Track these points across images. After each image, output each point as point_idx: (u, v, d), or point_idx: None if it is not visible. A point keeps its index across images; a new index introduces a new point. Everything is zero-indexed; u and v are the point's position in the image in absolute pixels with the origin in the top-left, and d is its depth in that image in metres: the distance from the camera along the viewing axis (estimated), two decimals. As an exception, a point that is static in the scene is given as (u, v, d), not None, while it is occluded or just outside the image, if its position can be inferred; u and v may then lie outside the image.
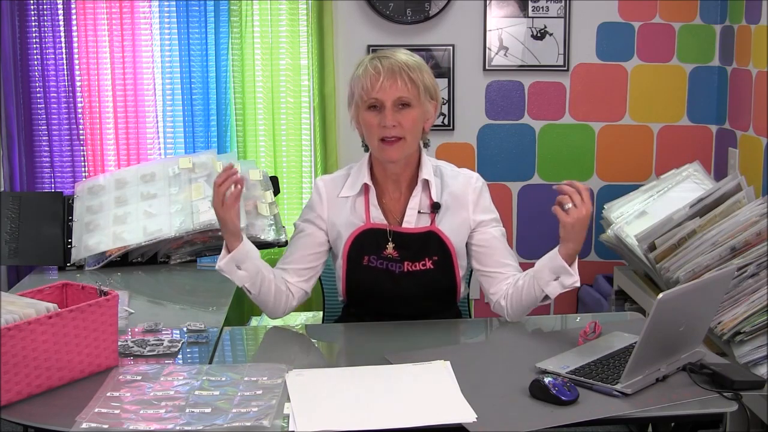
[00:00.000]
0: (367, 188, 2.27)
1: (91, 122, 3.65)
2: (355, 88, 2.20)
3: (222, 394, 1.80)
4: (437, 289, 2.26)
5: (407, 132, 2.17)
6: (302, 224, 2.31)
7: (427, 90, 2.21)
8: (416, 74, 2.17)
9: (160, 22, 3.61)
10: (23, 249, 3.04)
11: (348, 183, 2.29)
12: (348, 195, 2.28)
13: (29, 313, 1.81)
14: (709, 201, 2.97)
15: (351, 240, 2.25)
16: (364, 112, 2.19)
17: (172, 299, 2.77)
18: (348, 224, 2.26)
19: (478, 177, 2.32)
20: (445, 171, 2.31)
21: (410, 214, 2.25)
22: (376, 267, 2.24)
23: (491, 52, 3.76)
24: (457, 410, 1.73)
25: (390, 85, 2.14)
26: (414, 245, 2.24)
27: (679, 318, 1.85)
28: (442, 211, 2.26)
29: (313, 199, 2.30)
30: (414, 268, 2.24)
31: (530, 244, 3.92)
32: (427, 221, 2.26)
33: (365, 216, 2.26)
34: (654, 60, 3.81)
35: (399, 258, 2.24)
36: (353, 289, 2.29)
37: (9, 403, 1.75)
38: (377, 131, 2.16)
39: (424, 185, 2.26)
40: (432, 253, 2.24)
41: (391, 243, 2.23)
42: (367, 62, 2.20)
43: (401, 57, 2.18)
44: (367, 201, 2.27)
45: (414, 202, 2.26)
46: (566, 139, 3.86)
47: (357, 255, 2.25)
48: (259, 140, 3.71)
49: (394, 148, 2.17)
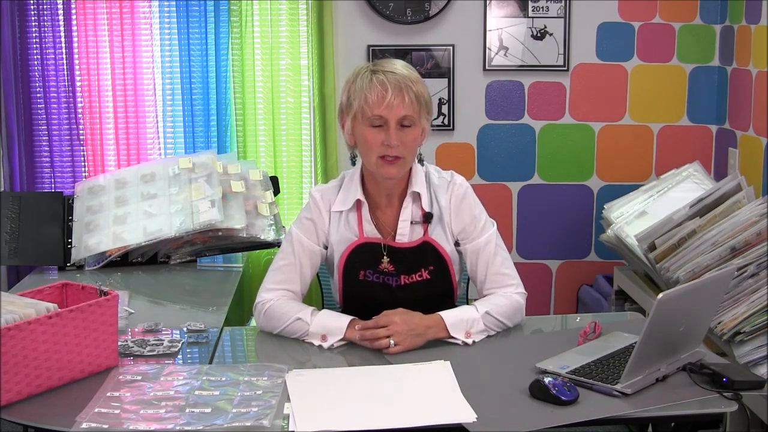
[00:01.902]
0: (359, 203, 2.26)
1: (91, 122, 3.65)
2: (355, 100, 2.15)
3: (222, 394, 1.80)
4: (434, 295, 2.26)
5: (408, 151, 2.16)
6: (306, 241, 2.27)
7: (427, 105, 2.19)
8: (418, 88, 2.15)
9: (160, 22, 3.61)
10: (23, 249, 3.04)
11: (340, 197, 2.27)
12: (341, 210, 2.26)
13: (29, 313, 1.81)
14: (709, 201, 2.97)
15: (346, 255, 2.25)
16: (365, 128, 2.15)
17: (172, 299, 2.77)
18: (342, 239, 2.26)
19: (461, 183, 2.28)
20: (432, 178, 2.29)
21: (403, 227, 2.24)
22: (372, 281, 2.25)
23: (491, 52, 3.76)
24: (457, 410, 1.73)
25: (398, 102, 2.11)
26: (409, 258, 2.24)
27: (679, 318, 1.85)
28: (435, 219, 2.26)
29: (313, 213, 2.27)
30: (411, 280, 2.24)
31: (530, 244, 3.92)
32: (420, 232, 2.25)
33: (359, 231, 2.25)
34: (654, 60, 3.81)
35: (395, 272, 2.24)
36: (351, 301, 2.30)
37: (9, 403, 1.75)
38: (378, 149, 2.14)
39: (415, 196, 2.26)
40: (428, 264, 2.25)
41: (386, 257, 2.23)
42: (369, 74, 2.15)
43: (403, 71, 2.15)
44: (360, 216, 2.26)
45: (405, 214, 2.25)
46: (566, 139, 3.86)
47: (353, 269, 2.25)
48: (259, 140, 3.71)
49: (395, 167, 2.16)
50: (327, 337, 2.12)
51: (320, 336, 2.13)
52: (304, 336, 2.16)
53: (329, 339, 2.12)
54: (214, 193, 3.09)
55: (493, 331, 2.18)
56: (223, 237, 3.08)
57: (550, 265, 3.94)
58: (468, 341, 2.11)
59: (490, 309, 2.17)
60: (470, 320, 2.13)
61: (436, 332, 2.10)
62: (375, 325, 2.08)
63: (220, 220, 3.02)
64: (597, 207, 3.87)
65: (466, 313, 2.15)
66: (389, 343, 2.04)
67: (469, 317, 2.13)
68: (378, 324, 2.07)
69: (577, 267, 3.94)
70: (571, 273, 3.94)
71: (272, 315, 2.21)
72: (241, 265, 3.18)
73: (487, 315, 2.16)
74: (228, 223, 3.05)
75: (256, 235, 3.09)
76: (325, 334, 2.12)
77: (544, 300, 3.96)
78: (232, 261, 3.23)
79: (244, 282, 3.61)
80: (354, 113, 2.17)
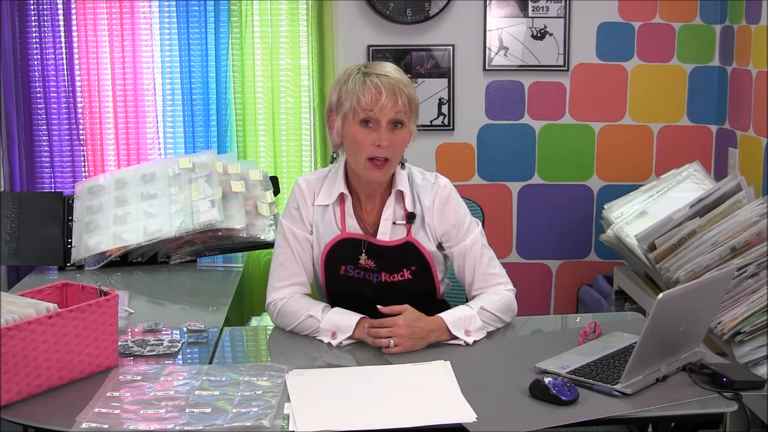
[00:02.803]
0: (342, 197, 2.26)
1: (91, 122, 3.65)
2: (346, 101, 2.15)
3: (222, 394, 1.80)
4: (416, 294, 2.27)
5: (395, 153, 2.17)
6: (298, 232, 2.28)
7: (416, 109, 2.21)
8: (410, 91, 2.16)
9: (160, 22, 3.61)
10: (23, 249, 3.04)
11: (324, 190, 2.27)
12: (324, 203, 2.27)
13: (29, 313, 1.81)
14: (709, 201, 2.97)
15: (327, 249, 2.25)
16: (355, 128, 2.15)
17: (172, 299, 2.77)
18: (325, 233, 2.26)
19: (445, 185, 2.28)
20: (416, 179, 2.30)
21: (385, 225, 2.25)
22: (353, 276, 2.26)
23: (491, 52, 3.76)
24: (457, 410, 1.73)
25: (392, 105, 2.12)
26: (391, 257, 2.24)
27: (679, 318, 1.85)
28: (418, 220, 2.26)
29: (299, 202, 2.29)
30: (392, 279, 2.25)
31: (530, 244, 3.91)
32: (403, 232, 2.26)
33: (341, 225, 2.26)
34: (654, 60, 3.81)
35: (376, 268, 2.24)
36: (334, 295, 2.31)
37: (9, 403, 1.75)
38: (368, 149, 2.15)
39: (398, 196, 2.26)
40: (410, 264, 2.25)
41: (365, 254, 2.24)
42: (361, 77, 2.15)
43: (395, 74, 2.16)
44: (342, 210, 2.26)
45: (387, 213, 2.25)
46: (566, 139, 3.86)
47: (334, 264, 2.26)
48: (259, 140, 3.71)
49: (381, 171, 2.17)
50: (336, 334, 2.14)
51: (330, 333, 2.14)
52: (315, 333, 2.18)
53: (338, 336, 2.14)
54: (214, 193, 3.09)
55: (491, 326, 2.20)
56: (223, 237, 3.08)
57: (550, 265, 3.94)
58: (468, 340, 2.12)
59: (484, 305, 2.20)
60: (467, 317, 2.15)
61: (439, 335, 2.12)
62: (381, 324, 2.09)
63: (220, 220, 3.02)
64: (597, 207, 3.87)
65: (462, 311, 2.17)
66: (389, 342, 2.05)
67: (466, 315, 2.15)
68: (383, 324, 2.09)
69: (577, 267, 3.94)
70: (571, 273, 3.94)
71: (285, 313, 2.23)
72: (241, 265, 3.18)
73: (483, 310, 2.18)
74: (228, 223, 3.05)
75: (256, 235, 3.09)
76: (335, 331, 2.14)
77: (544, 300, 3.96)
78: (232, 261, 3.23)
79: (244, 282, 3.61)
80: (344, 113, 2.17)
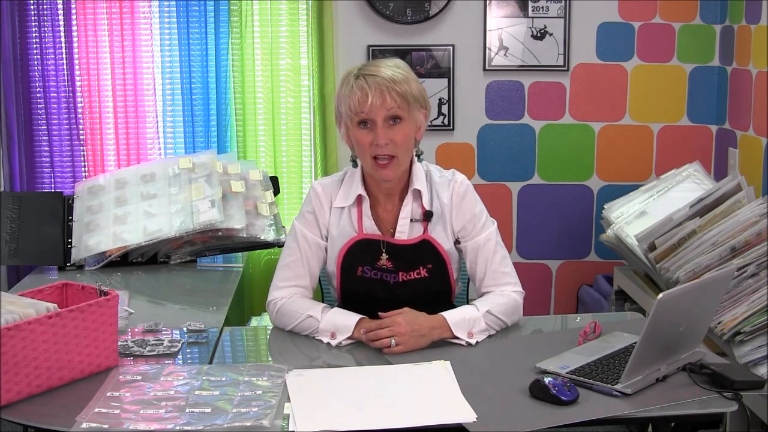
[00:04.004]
0: (360, 199, 2.26)
1: (91, 122, 3.65)
2: (342, 108, 2.17)
3: (222, 394, 1.80)
4: (431, 293, 2.27)
5: (399, 149, 2.16)
6: (310, 236, 2.28)
7: (417, 100, 2.18)
8: (404, 87, 2.14)
9: (160, 22, 3.61)
10: (23, 249, 3.04)
11: (341, 193, 2.28)
12: (342, 206, 2.27)
13: (29, 313, 1.81)
14: (709, 201, 2.97)
15: (345, 251, 2.25)
16: (355, 130, 2.17)
17: (172, 299, 2.77)
18: (341, 234, 2.26)
19: (462, 181, 2.29)
20: (434, 177, 2.30)
21: (402, 224, 2.25)
22: (370, 277, 2.25)
23: (491, 52, 3.76)
24: (457, 410, 1.73)
25: (380, 103, 2.12)
26: (408, 255, 2.24)
27: (679, 318, 1.85)
28: (435, 217, 2.26)
29: (314, 206, 2.28)
30: (408, 277, 2.25)
31: (530, 244, 3.92)
32: (420, 230, 2.26)
33: (358, 227, 2.26)
34: (654, 60, 3.81)
35: (393, 269, 2.24)
36: (348, 296, 2.30)
37: (9, 403, 1.75)
38: (370, 149, 2.15)
39: (416, 194, 2.26)
40: (426, 261, 2.25)
41: (384, 254, 2.24)
42: (352, 80, 2.15)
43: (386, 72, 2.14)
44: (360, 211, 2.26)
45: (405, 212, 2.25)
46: (566, 139, 3.86)
47: (351, 265, 2.26)
48: (259, 140, 3.71)
49: (389, 169, 2.17)
50: (336, 335, 2.14)
51: (329, 333, 2.14)
52: (314, 333, 2.17)
53: (338, 336, 2.13)
54: (214, 193, 3.09)
55: (494, 330, 2.19)
56: (223, 237, 3.08)
57: (550, 265, 3.94)
58: (471, 341, 2.11)
59: (491, 308, 2.18)
60: (472, 319, 2.13)
61: (441, 333, 2.11)
62: (379, 326, 2.09)
63: (220, 220, 3.02)
64: (597, 207, 3.87)
65: (467, 312, 2.15)
66: (390, 342, 2.05)
67: (471, 316, 2.14)
68: (382, 325, 2.08)
69: (577, 267, 3.94)
70: (571, 273, 3.94)
71: (285, 312, 2.23)
72: (241, 265, 3.19)
73: (489, 314, 2.17)
74: (228, 223, 3.05)
75: (256, 235, 3.09)
76: (334, 331, 2.14)
77: (544, 300, 3.96)
78: (232, 261, 3.23)
79: (244, 282, 3.61)
80: (344, 121, 2.19)
